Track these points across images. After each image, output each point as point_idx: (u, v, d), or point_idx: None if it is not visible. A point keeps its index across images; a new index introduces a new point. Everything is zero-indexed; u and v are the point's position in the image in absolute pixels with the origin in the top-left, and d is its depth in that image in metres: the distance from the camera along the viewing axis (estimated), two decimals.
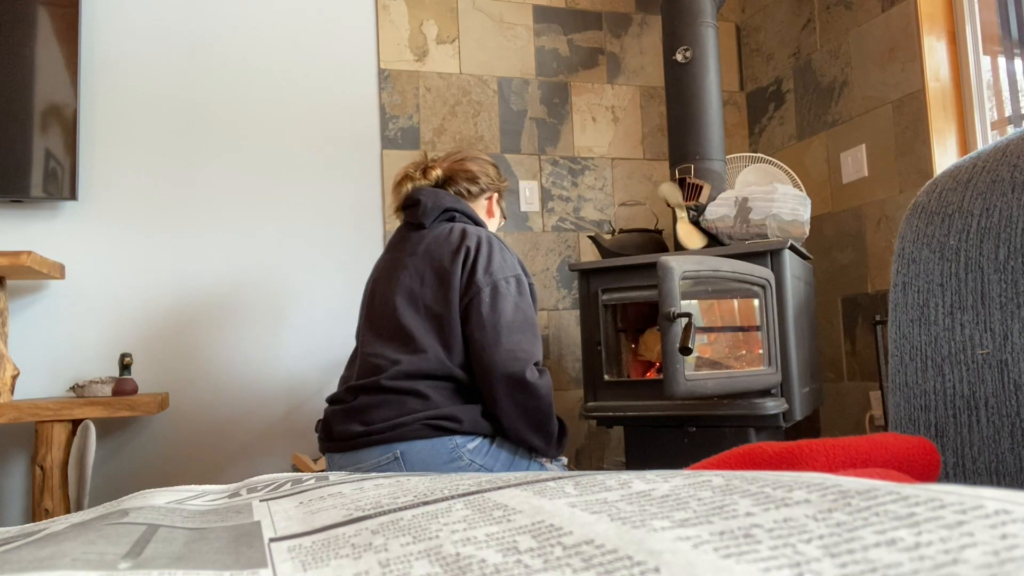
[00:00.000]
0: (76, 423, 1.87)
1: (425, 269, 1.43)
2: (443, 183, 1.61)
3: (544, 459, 1.51)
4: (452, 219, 1.53)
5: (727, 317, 1.85)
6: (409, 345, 1.39)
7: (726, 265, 1.63)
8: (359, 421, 1.37)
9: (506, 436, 1.41)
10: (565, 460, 1.61)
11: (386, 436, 1.32)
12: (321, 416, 1.61)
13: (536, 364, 1.39)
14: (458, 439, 1.34)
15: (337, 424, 1.40)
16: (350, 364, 1.56)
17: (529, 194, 2.58)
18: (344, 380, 1.52)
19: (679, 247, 2.05)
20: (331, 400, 1.47)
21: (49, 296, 2.12)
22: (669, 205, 2.08)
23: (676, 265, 1.52)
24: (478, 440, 1.37)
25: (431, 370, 1.37)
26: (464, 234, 1.45)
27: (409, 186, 1.59)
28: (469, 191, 1.61)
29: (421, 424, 1.32)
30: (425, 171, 1.61)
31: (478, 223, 1.56)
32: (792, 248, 1.86)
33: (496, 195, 1.67)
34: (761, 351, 1.76)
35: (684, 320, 1.47)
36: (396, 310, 1.42)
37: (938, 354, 0.56)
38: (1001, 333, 0.52)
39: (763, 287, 1.75)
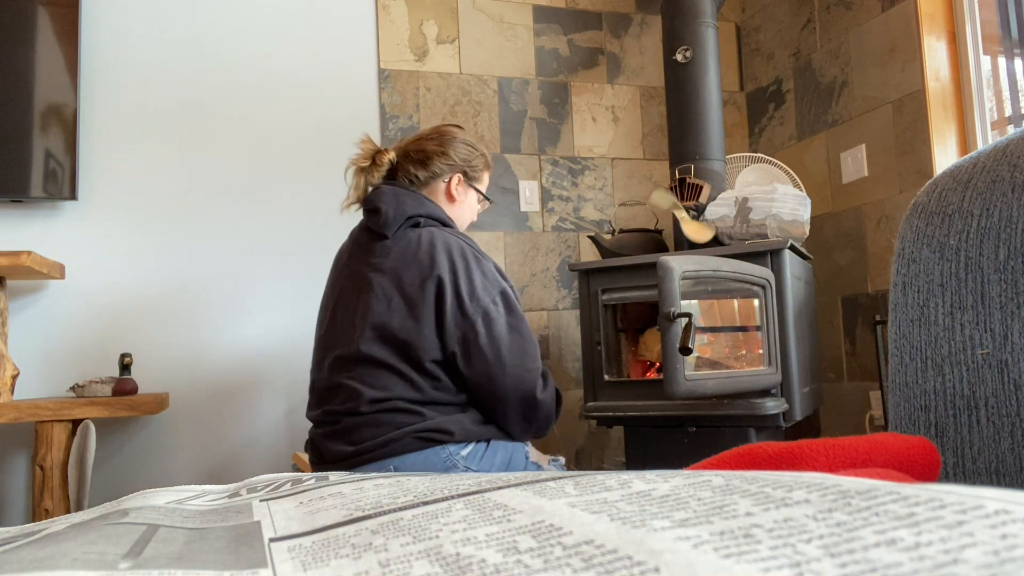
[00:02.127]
0: (76, 423, 1.87)
1: (392, 292, 1.33)
2: (395, 168, 1.48)
3: (540, 460, 1.50)
4: (417, 224, 1.40)
5: (727, 317, 1.85)
6: (381, 369, 1.32)
7: (726, 265, 1.63)
8: (347, 441, 1.31)
9: (500, 430, 1.40)
10: (563, 460, 1.60)
11: (377, 454, 1.28)
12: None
13: (543, 375, 1.38)
14: (451, 448, 1.31)
15: (325, 446, 1.35)
16: (318, 373, 1.44)
17: (529, 194, 2.58)
18: (314, 392, 1.43)
19: (692, 245, 2.01)
20: (313, 422, 1.41)
21: (49, 296, 2.12)
22: (663, 211, 2.07)
23: (676, 265, 1.52)
24: (471, 446, 1.34)
25: (410, 395, 1.32)
26: (432, 250, 1.34)
27: (362, 180, 1.46)
28: (418, 177, 1.46)
29: (411, 438, 1.29)
30: (376, 158, 1.46)
31: (446, 223, 1.44)
32: (792, 248, 1.86)
33: (459, 176, 1.49)
34: (761, 351, 1.76)
35: (684, 320, 1.47)
36: (361, 339, 1.32)
37: (938, 354, 0.56)
38: (1001, 333, 0.52)
39: (763, 287, 1.75)
